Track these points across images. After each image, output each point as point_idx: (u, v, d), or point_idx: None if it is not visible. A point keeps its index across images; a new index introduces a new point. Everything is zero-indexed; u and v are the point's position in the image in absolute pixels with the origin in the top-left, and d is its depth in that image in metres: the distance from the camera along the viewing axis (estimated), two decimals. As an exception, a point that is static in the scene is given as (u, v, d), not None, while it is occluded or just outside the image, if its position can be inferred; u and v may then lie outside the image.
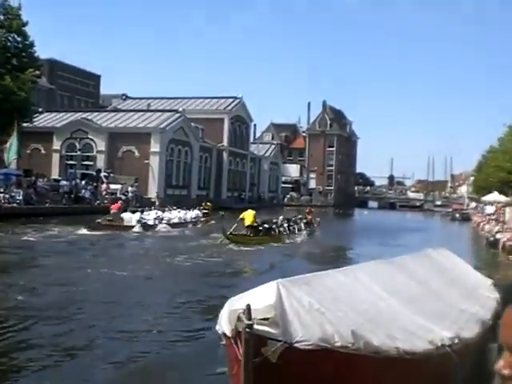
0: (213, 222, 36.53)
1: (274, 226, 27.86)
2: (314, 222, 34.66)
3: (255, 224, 26.45)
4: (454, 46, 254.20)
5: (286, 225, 29.08)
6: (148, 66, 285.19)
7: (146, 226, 30.07)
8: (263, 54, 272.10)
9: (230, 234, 25.04)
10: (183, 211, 35.15)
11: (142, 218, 30.69)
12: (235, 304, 3.47)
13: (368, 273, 4.63)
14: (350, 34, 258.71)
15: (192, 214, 35.76)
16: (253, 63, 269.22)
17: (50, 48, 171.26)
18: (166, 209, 34.89)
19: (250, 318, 3.29)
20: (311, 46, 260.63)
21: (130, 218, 30.49)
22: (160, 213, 32.90)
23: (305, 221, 32.67)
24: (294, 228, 29.87)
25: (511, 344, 1.17)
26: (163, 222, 31.94)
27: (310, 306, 3.56)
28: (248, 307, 3.32)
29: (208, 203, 43.27)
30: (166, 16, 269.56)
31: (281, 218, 30.16)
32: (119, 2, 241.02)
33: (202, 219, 36.60)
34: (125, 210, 32.90)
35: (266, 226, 27.17)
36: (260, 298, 3.44)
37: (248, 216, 26.30)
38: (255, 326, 3.36)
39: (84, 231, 26.88)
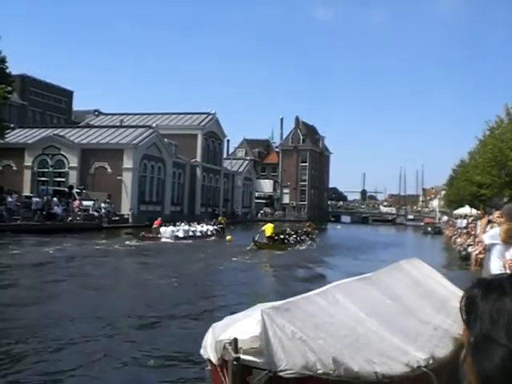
0: (226, 234, 43.43)
1: (286, 237, 34.94)
2: (312, 233, 40.83)
3: (273, 235, 33.30)
4: (428, 63, 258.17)
5: (294, 236, 36.05)
6: (121, 82, 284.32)
7: (178, 238, 36.26)
8: (236, 70, 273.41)
9: (257, 242, 31.65)
10: (206, 226, 41.80)
11: (174, 231, 36.84)
12: (221, 334, 3.56)
13: (345, 293, 4.71)
14: (320, 51, 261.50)
15: (212, 228, 42.33)
16: (226, 79, 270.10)
17: (22, 64, 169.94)
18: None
19: (236, 351, 3.42)
20: (284, 62, 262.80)
21: (165, 231, 36.68)
22: (187, 227, 38.65)
23: (307, 233, 39.16)
24: (300, 239, 36.59)
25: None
26: (190, 234, 38.06)
27: (293, 334, 3.64)
28: (235, 340, 3.44)
29: (225, 218, 52.07)
30: (140, 33, 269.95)
31: (289, 230, 37.67)
32: (92, 18, 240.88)
33: (220, 231, 42.91)
34: (161, 226, 38.00)
35: (281, 236, 34.36)
36: (245, 328, 3.53)
37: (268, 228, 33.23)
38: (241, 356, 3.44)
39: (134, 242, 33.62)
